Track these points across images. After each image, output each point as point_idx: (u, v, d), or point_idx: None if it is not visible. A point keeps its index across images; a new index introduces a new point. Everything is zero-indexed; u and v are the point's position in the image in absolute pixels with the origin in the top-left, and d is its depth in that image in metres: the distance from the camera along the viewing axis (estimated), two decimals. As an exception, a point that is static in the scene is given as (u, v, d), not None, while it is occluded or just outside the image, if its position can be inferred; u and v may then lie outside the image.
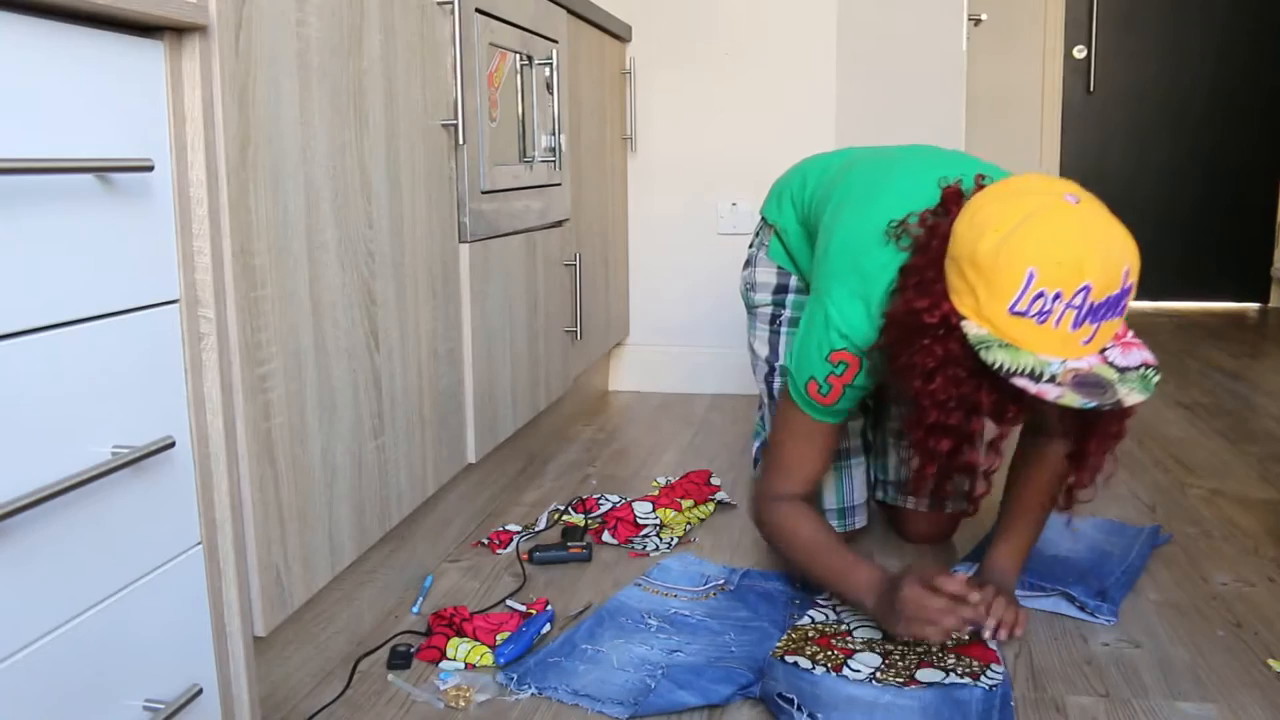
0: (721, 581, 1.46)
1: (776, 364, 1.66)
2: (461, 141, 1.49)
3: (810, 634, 1.28)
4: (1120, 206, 4.50)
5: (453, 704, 1.14)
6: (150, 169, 0.81)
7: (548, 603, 1.38)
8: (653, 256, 2.72)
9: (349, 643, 1.28)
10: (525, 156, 1.79)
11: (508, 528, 1.68)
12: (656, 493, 1.82)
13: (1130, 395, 1.05)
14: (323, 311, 1.14)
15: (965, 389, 1.11)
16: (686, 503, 1.75)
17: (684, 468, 2.02)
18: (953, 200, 1.21)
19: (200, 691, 0.91)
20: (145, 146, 0.83)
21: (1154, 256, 4.36)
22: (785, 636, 1.27)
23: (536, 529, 1.68)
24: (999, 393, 1.10)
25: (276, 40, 1.03)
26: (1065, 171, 4.35)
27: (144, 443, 0.83)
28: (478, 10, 1.55)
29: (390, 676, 1.21)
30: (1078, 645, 1.28)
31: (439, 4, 1.44)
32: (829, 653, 1.23)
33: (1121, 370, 1.06)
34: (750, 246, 1.72)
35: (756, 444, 1.82)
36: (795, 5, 2.55)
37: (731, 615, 1.35)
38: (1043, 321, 1.04)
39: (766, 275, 1.68)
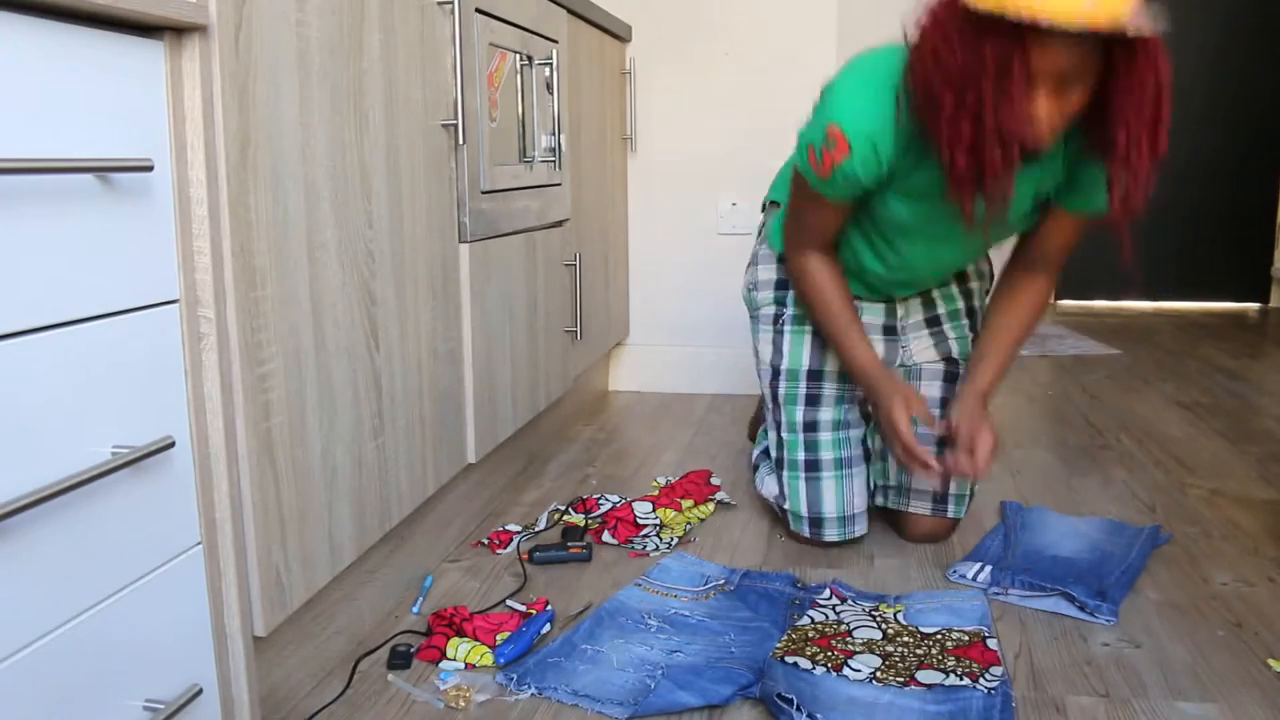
0: (721, 582, 1.46)
1: (781, 365, 1.66)
2: (461, 141, 1.49)
3: (810, 634, 1.28)
4: (1120, 206, 4.34)
5: (453, 704, 1.14)
6: (150, 169, 0.81)
7: (548, 603, 1.38)
8: (653, 256, 2.72)
9: (349, 643, 1.28)
10: (525, 156, 1.79)
11: (508, 528, 1.68)
12: (656, 493, 1.82)
13: (1131, 25, 1.07)
14: (323, 311, 1.14)
15: (968, 54, 1.12)
16: (686, 503, 1.75)
17: (684, 468, 2.02)
18: None
19: (200, 691, 0.91)
20: (145, 146, 0.83)
21: (1154, 256, 4.37)
22: (785, 637, 1.27)
23: (536, 529, 1.68)
24: (1000, 45, 1.11)
25: (276, 40, 1.03)
26: (1065, 171, 4.34)
27: (144, 443, 0.83)
28: (478, 10, 1.55)
29: (390, 676, 1.21)
30: (1078, 645, 1.28)
31: (439, 4, 1.44)
32: (829, 653, 1.23)
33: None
34: (755, 243, 1.73)
35: (757, 451, 1.82)
36: (795, 5, 2.55)
37: (732, 615, 1.35)
38: None
39: (768, 272, 1.68)
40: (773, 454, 1.68)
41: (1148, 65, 1.14)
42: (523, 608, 1.37)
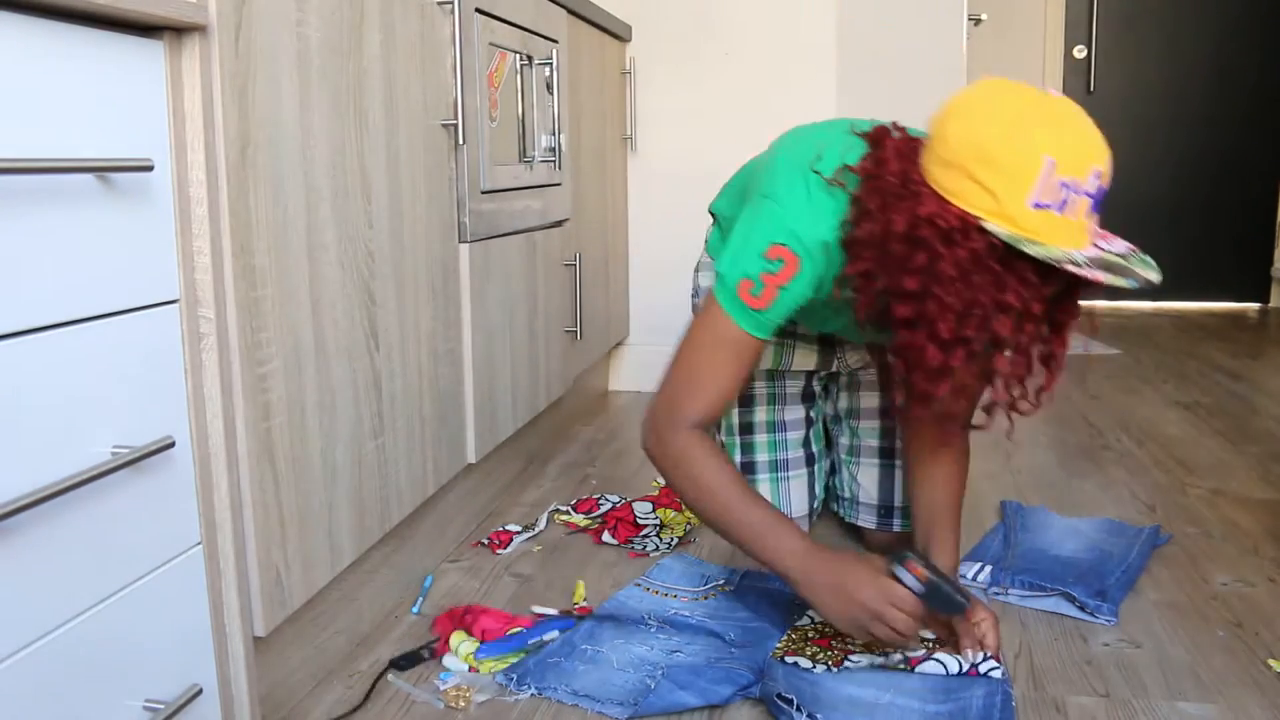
0: (722, 582, 1.46)
1: None
2: (461, 141, 1.49)
3: (810, 634, 1.28)
4: (1120, 206, 4.46)
5: (453, 704, 1.14)
6: (150, 169, 0.81)
7: (591, 610, 1.36)
8: (653, 256, 2.72)
9: (349, 643, 1.28)
10: (525, 156, 1.79)
11: (508, 528, 1.68)
12: (656, 493, 1.82)
13: (1146, 272, 1.06)
14: (322, 311, 1.14)
15: (988, 295, 1.05)
16: (686, 503, 1.75)
17: (684, 468, 2.02)
18: (880, 135, 1.18)
19: (200, 691, 0.91)
20: (145, 146, 0.83)
21: (1154, 256, 4.32)
22: (785, 637, 1.27)
23: (536, 529, 1.68)
24: (1025, 290, 1.06)
25: (276, 40, 1.03)
26: (1065, 171, 4.34)
27: (144, 443, 0.83)
28: (478, 10, 1.55)
29: (390, 676, 1.21)
30: (1078, 645, 1.28)
31: (439, 4, 1.44)
32: (829, 652, 1.23)
33: (1121, 254, 1.08)
34: (702, 251, 1.72)
35: None
36: (795, 5, 2.54)
37: (732, 615, 1.35)
38: (1062, 211, 1.04)
39: (707, 279, 1.66)
40: None
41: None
42: (554, 611, 1.36)
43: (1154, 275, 1.06)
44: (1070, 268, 1.03)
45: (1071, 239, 1.05)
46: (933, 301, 1.06)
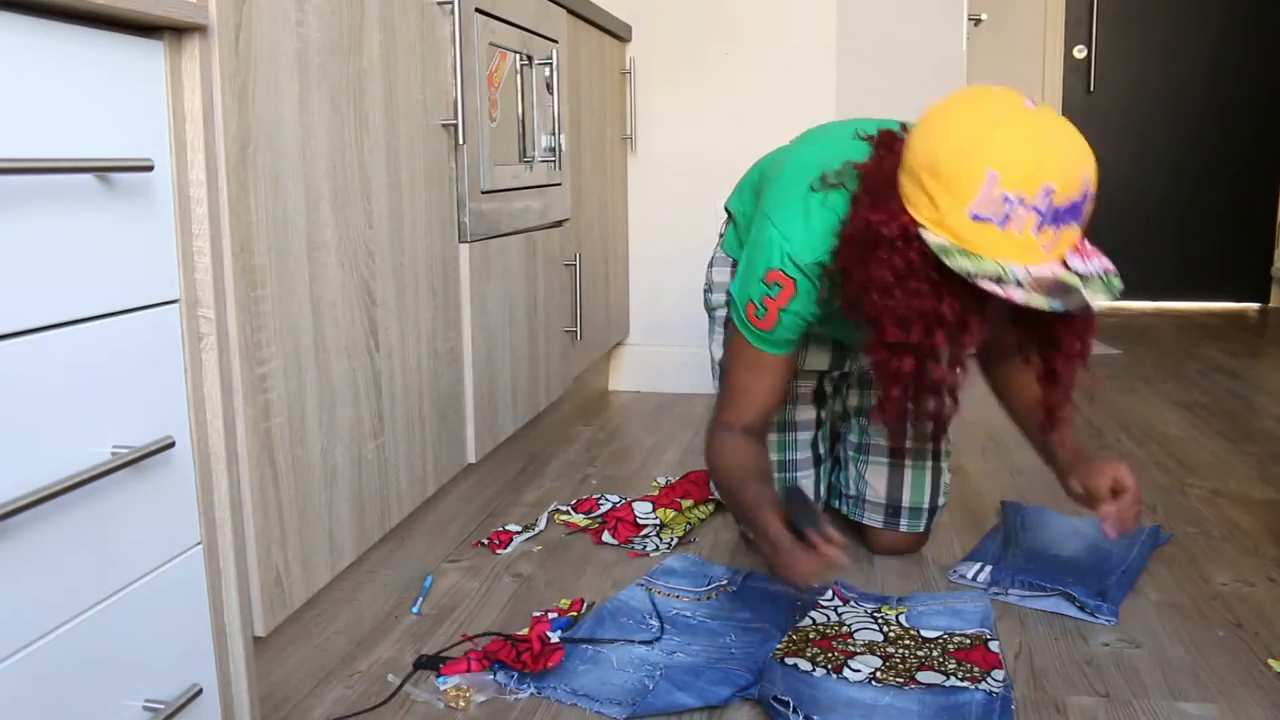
0: (724, 582, 1.46)
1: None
2: (461, 141, 1.49)
3: (811, 635, 1.28)
4: (1120, 206, 4.45)
5: (452, 704, 1.14)
6: (150, 169, 0.81)
7: (583, 602, 1.37)
8: (653, 256, 2.72)
9: (349, 643, 1.28)
10: (525, 156, 1.79)
11: (508, 528, 1.68)
12: (656, 493, 1.82)
13: (1095, 298, 1.04)
14: (322, 311, 1.14)
15: (926, 302, 1.08)
16: (686, 503, 1.75)
17: (684, 468, 2.02)
18: (886, 139, 1.20)
19: (200, 691, 0.91)
20: (145, 146, 0.83)
21: (1154, 256, 4.37)
22: (786, 638, 1.27)
23: (536, 529, 1.68)
24: (960, 302, 1.08)
25: (276, 40, 1.03)
26: (1065, 171, 4.34)
27: (144, 443, 0.83)
28: (478, 10, 1.55)
29: (390, 676, 1.20)
30: (1078, 645, 1.28)
31: (439, 4, 1.44)
32: (829, 654, 1.23)
33: (1084, 276, 1.05)
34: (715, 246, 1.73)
35: None
36: (795, 5, 2.54)
37: (733, 616, 1.35)
38: (1004, 226, 1.03)
39: (721, 275, 1.67)
40: None
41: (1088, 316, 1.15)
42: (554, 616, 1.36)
43: (1100, 301, 1.04)
44: (984, 284, 1.03)
45: (1016, 253, 1.04)
46: (871, 305, 1.11)
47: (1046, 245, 1.05)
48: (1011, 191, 1.02)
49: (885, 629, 1.30)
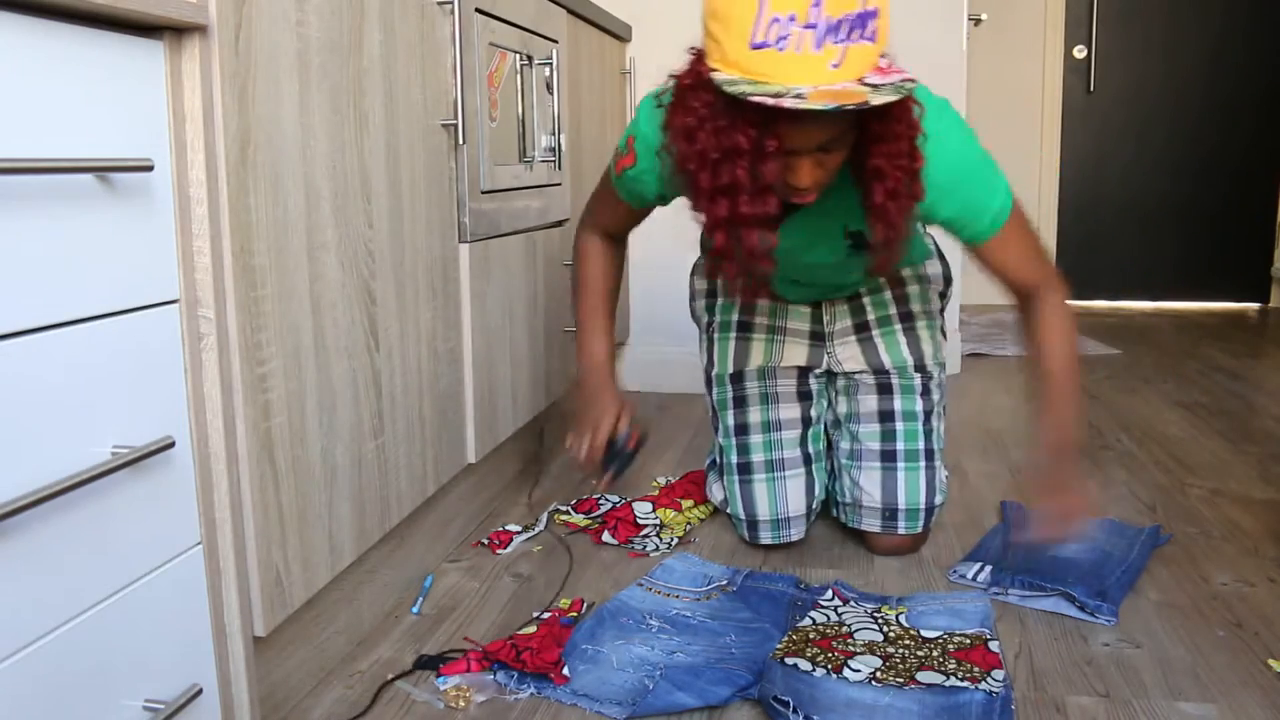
0: (724, 582, 1.46)
1: (713, 372, 1.69)
2: (461, 141, 1.49)
3: (811, 635, 1.28)
4: (1120, 206, 4.44)
5: (452, 704, 1.14)
6: (150, 169, 0.81)
7: (583, 603, 1.37)
8: (652, 257, 2.71)
9: (349, 643, 1.28)
10: (525, 156, 1.79)
11: (508, 528, 1.68)
12: (656, 493, 1.82)
13: (876, 96, 1.03)
14: (322, 311, 1.14)
15: (724, 138, 1.10)
16: (686, 503, 1.75)
17: (684, 468, 2.02)
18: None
19: (200, 691, 0.91)
20: (145, 146, 0.83)
21: (1154, 256, 4.37)
22: (786, 638, 1.27)
23: (536, 529, 1.68)
24: (755, 129, 1.09)
25: (276, 40, 1.03)
26: (1065, 171, 4.35)
27: (144, 443, 0.83)
28: (478, 10, 1.55)
29: (390, 676, 1.20)
30: (1078, 645, 1.28)
31: (439, 4, 1.44)
32: (829, 654, 1.23)
33: (877, 86, 1.04)
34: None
35: (709, 459, 1.79)
36: (795, 5, 2.54)
37: (733, 616, 1.35)
38: (783, 48, 1.03)
39: (700, 282, 1.70)
40: (717, 460, 1.69)
41: (901, 119, 1.14)
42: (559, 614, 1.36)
43: (887, 96, 1.03)
44: (762, 99, 1.03)
45: (802, 74, 1.03)
46: (682, 157, 1.16)
47: (833, 62, 1.04)
48: (781, 12, 1.02)
49: (885, 629, 1.30)
